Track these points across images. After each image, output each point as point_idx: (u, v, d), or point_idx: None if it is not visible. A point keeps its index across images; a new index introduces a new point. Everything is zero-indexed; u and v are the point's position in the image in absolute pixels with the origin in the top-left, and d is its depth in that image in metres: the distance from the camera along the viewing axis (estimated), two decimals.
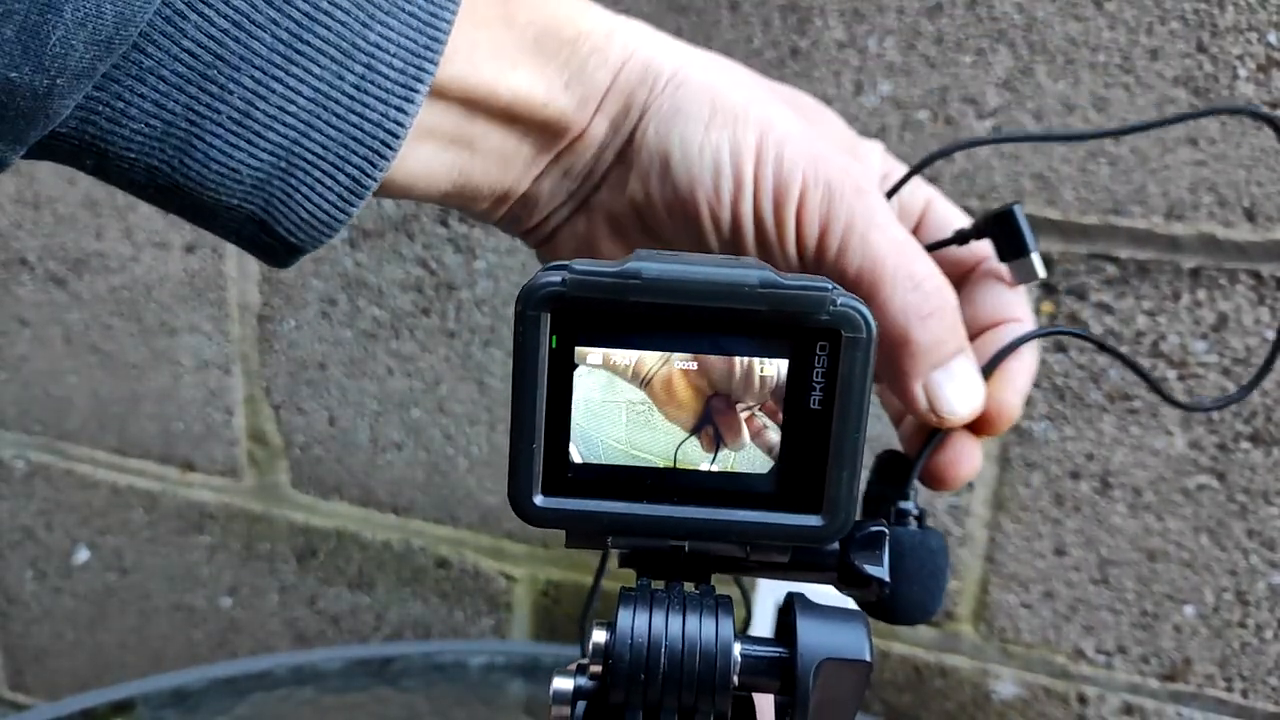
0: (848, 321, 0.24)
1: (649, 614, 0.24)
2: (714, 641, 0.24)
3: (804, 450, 0.25)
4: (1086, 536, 0.67)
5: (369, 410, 0.83)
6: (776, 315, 0.24)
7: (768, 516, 0.26)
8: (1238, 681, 0.67)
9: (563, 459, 0.26)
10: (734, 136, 0.33)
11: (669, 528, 0.26)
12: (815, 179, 0.33)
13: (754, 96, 0.34)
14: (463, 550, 0.84)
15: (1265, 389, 0.62)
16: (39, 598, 1.01)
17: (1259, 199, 0.60)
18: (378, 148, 0.29)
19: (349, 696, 0.73)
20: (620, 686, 0.24)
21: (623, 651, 0.24)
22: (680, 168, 0.33)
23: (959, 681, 0.73)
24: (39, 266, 0.91)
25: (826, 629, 0.24)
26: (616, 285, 0.24)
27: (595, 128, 0.34)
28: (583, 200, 0.36)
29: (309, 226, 0.30)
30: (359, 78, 0.28)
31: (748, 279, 0.24)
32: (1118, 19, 0.60)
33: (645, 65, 0.33)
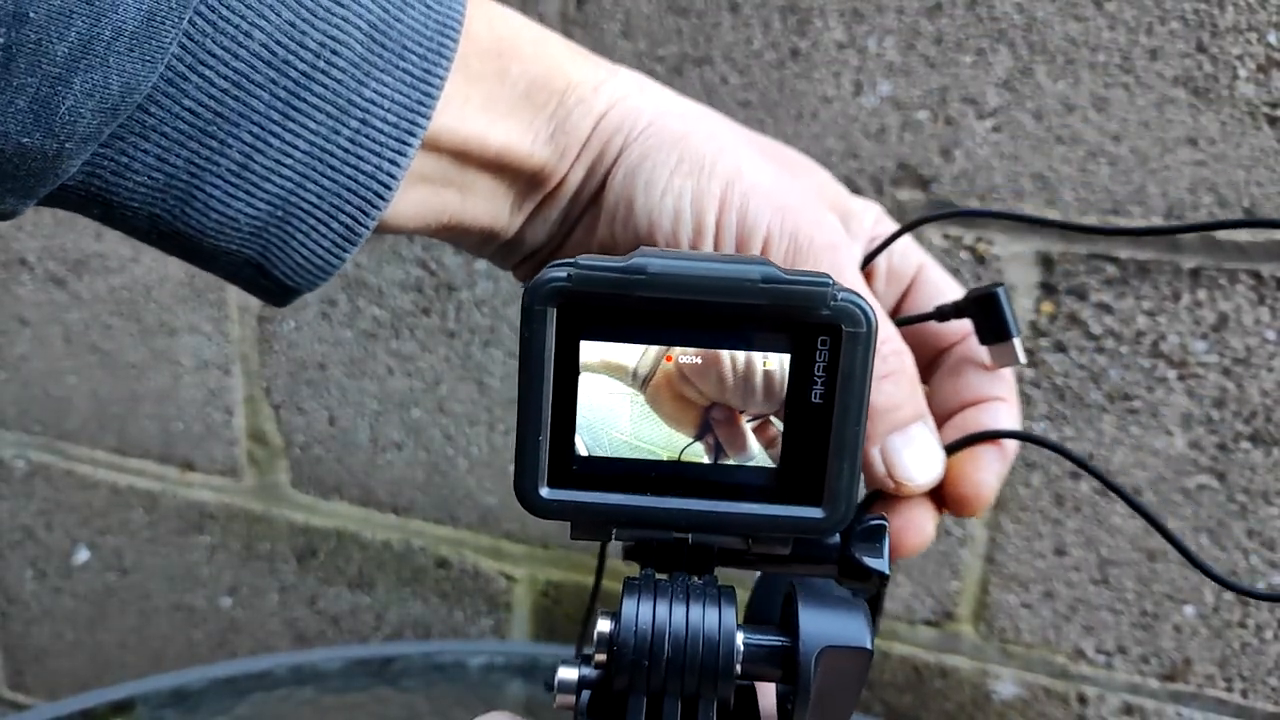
0: (848, 316, 0.25)
1: (653, 603, 0.25)
2: (717, 629, 0.24)
3: (805, 444, 0.26)
4: (1086, 536, 0.67)
5: (369, 410, 0.83)
6: (778, 310, 0.25)
7: (769, 509, 0.26)
8: (1238, 681, 0.67)
9: (568, 452, 0.26)
10: (698, 185, 0.33)
11: (672, 520, 0.26)
12: (781, 231, 0.33)
13: (726, 146, 0.34)
14: (462, 550, 0.84)
15: (1266, 389, 0.62)
16: (39, 597, 1.01)
17: (1259, 199, 0.60)
18: (370, 198, 0.30)
19: (349, 696, 0.73)
20: (624, 673, 0.24)
21: (627, 639, 0.24)
22: (641, 212, 0.33)
23: (959, 682, 0.73)
24: (39, 267, 0.91)
25: (827, 617, 0.24)
26: (621, 280, 0.25)
27: (573, 175, 0.34)
28: (560, 242, 0.37)
29: (305, 271, 0.31)
30: (354, 132, 0.29)
31: (749, 274, 0.24)
32: (1118, 19, 0.60)
33: (624, 115, 0.34)
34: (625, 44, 0.69)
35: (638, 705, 0.24)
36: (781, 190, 0.33)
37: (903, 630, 0.73)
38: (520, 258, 0.38)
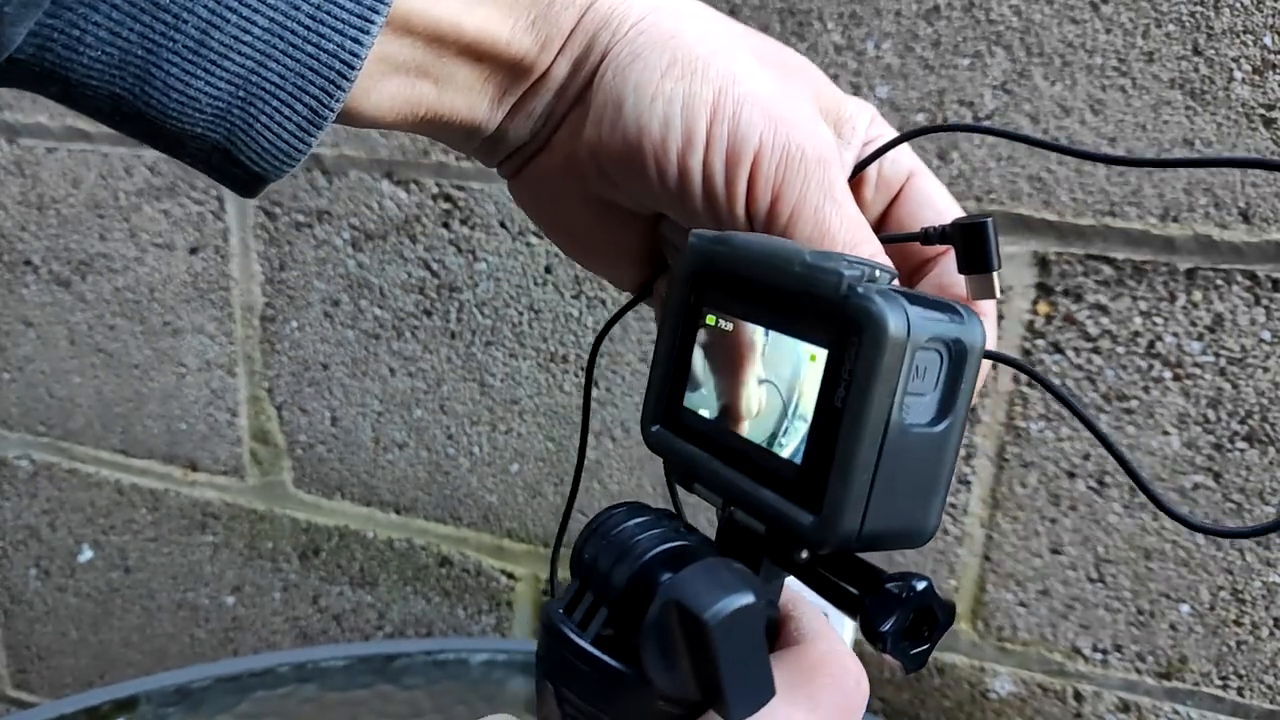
0: (867, 316, 0.22)
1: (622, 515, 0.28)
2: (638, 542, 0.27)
3: (823, 446, 0.24)
4: (1083, 535, 0.68)
5: (371, 410, 0.84)
6: (820, 300, 0.24)
7: (781, 503, 0.25)
8: (1233, 679, 0.67)
9: (678, 401, 0.29)
10: (689, 89, 0.32)
11: (724, 488, 0.27)
12: (774, 143, 0.32)
13: (721, 48, 0.33)
14: (464, 549, 0.85)
15: (1261, 389, 0.62)
16: (43, 596, 1.02)
17: (1254, 200, 0.60)
18: (334, 78, 0.30)
19: (352, 694, 0.74)
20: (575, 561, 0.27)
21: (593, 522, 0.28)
22: (630, 115, 0.32)
23: (956, 679, 0.73)
24: (44, 268, 0.91)
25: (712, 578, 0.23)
26: (710, 253, 0.28)
27: (557, 69, 0.34)
28: (545, 141, 0.36)
29: (271, 156, 0.31)
30: (314, 8, 0.29)
31: (793, 255, 0.25)
32: (1114, 22, 0.60)
33: (612, 8, 0.33)
34: None
35: (575, 580, 0.28)
36: (776, 99, 0.33)
37: None
38: (504, 155, 0.37)
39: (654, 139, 0.32)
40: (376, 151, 0.78)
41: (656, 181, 0.33)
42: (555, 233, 0.39)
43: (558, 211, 0.38)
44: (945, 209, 0.37)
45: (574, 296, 0.75)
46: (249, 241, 0.84)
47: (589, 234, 0.38)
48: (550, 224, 0.39)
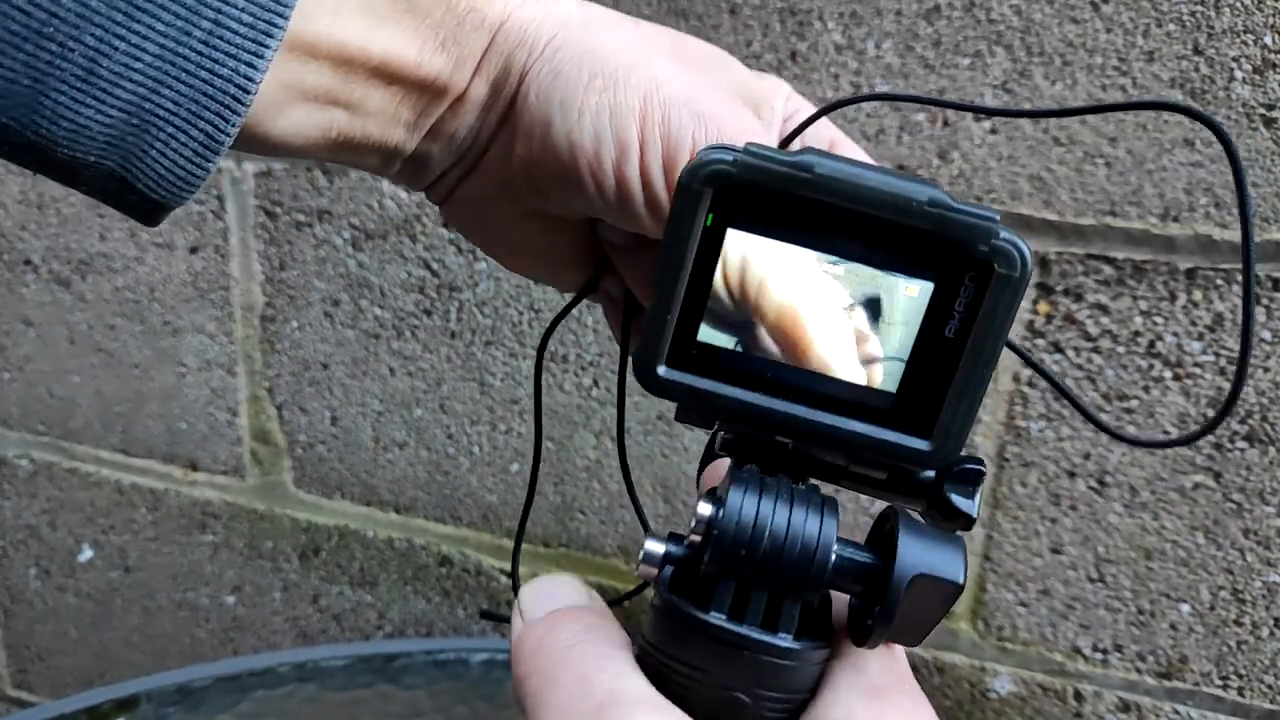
0: (1005, 258, 0.24)
1: (758, 497, 0.25)
2: (816, 537, 0.24)
3: (929, 375, 0.26)
4: (1083, 535, 0.68)
5: (371, 410, 0.84)
6: (935, 237, 0.24)
7: (879, 432, 0.26)
8: (1234, 679, 0.67)
9: (690, 335, 0.26)
10: (614, 100, 0.32)
11: (781, 424, 0.26)
12: (706, 140, 0.33)
13: (638, 55, 0.33)
14: (464, 548, 0.85)
15: (1261, 389, 0.62)
16: (43, 596, 1.02)
17: (1255, 200, 0.60)
18: (229, 103, 0.29)
19: (352, 693, 0.74)
20: (720, 558, 0.24)
21: (728, 525, 0.24)
22: (560, 133, 0.33)
23: (956, 678, 0.73)
24: (44, 267, 0.91)
25: (926, 546, 0.24)
26: (786, 176, 0.24)
27: (475, 90, 0.34)
28: (473, 163, 0.36)
29: (168, 183, 0.30)
30: (207, 34, 0.29)
31: (918, 194, 0.24)
32: (1115, 21, 0.60)
33: (523, 26, 0.33)
34: None
35: (725, 590, 0.25)
36: (699, 96, 0.33)
37: None
38: (431, 179, 0.37)
39: (587, 154, 0.33)
40: None
41: (595, 193, 0.33)
42: (494, 248, 0.39)
43: (495, 228, 0.38)
44: None
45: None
46: (249, 241, 0.84)
47: (528, 245, 0.38)
48: (488, 241, 0.39)
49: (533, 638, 0.27)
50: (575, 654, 0.26)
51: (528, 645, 0.27)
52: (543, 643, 0.27)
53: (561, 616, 0.28)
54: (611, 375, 0.76)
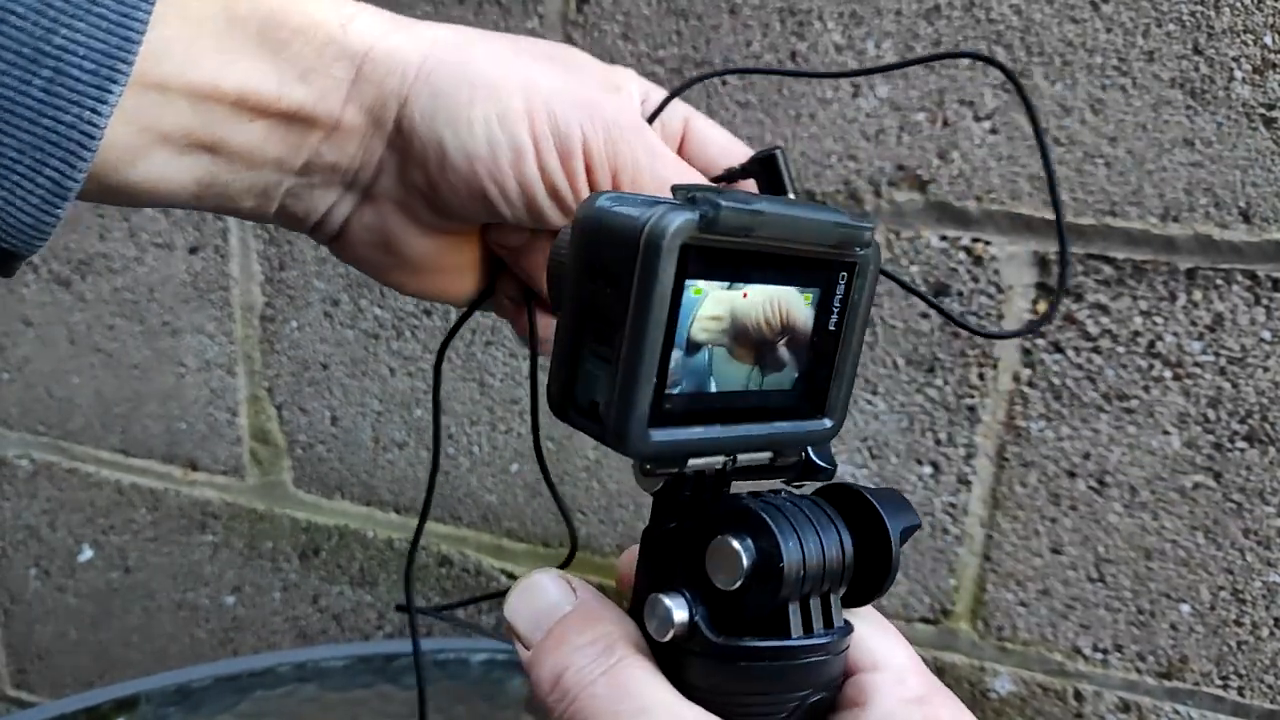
0: (876, 250, 0.29)
1: (795, 530, 0.27)
2: (846, 546, 0.28)
3: (819, 364, 0.29)
4: (1083, 535, 0.68)
5: (371, 410, 0.84)
6: (829, 251, 0.28)
7: (800, 425, 0.29)
8: (1234, 679, 0.67)
9: (663, 392, 0.26)
10: (499, 108, 0.34)
11: (736, 445, 0.29)
12: (593, 127, 0.34)
13: (510, 62, 0.35)
14: (464, 548, 0.85)
15: (1261, 389, 0.62)
16: (43, 596, 1.02)
17: (1255, 200, 0.60)
18: (74, 149, 0.29)
19: (351, 694, 0.74)
20: (788, 587, 0.27)
21: (793, 560, 0.27)
22: (455, 150, 0.34)
23: (956, 678, 0.73)
24: (43, 267, 0.91)
25: (894, 506, 0.29)
26: (742, 225, 0.25)
27: (349, 119, 0.34)
28: (364, 192, 0.36)
29: (17, 232, 0.30)
30: (47, 81, 0.28)
31: (829, 220, 0.27)
32: (1115, 21, 0.60)
33: (390, 54, 0.34)
34: (625, 45, 0.70)
35: (795, 612, 0.27)
36: (575, 88, 0.35)
37: (900, 627, 0.74)
38: (317, 216, 0.37)
39: (486, 163, 0.34)
40: None
41: (500, 198, 0.35)
42: (393, 274, 0.39)
43: (394, 254, 0.38)
44: (728, 144, 0.40)
45: None
46: (248, 241, 0.84)
47: (428, 264, 0.39)
48: (387, 267, 0.39)
49: (549, 674, 0.28)
50: (602, 692, 0.27)
51: (545, 683, 0.28)
52: (563, 682, 0.27)
53: (564, 636, 0.28)
54: None
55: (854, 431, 0.71)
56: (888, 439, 0.70)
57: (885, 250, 0.68)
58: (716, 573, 0.27)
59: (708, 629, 0.27)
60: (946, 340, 0.68)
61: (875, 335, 0.69)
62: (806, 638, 0.27)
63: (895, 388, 0.69)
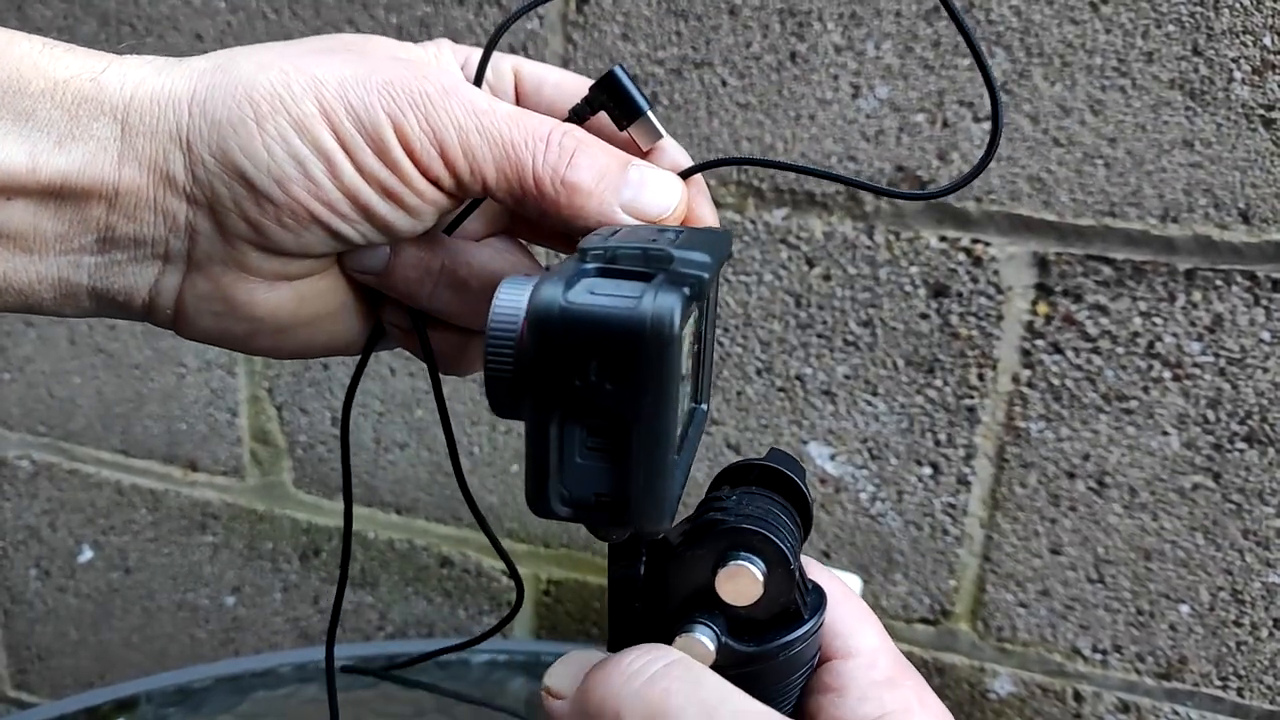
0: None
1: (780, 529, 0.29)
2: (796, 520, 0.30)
3: (699, 364, 0.31)
4: (1083, 536, 0.68)
5: (372, 410, 0.84)
6: None
7: (696, 418, 0.32)
8: (1233, 680, 0.67)
9: None
10: (290, 117, 0.30)
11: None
12: (398, 107, 0.31)
13: (289, 66, 0.31)
14: (465, 549, 0.85)
15: (1260, 389, 0.63)
16: (43, 597, 1.02)
17: (1254, 201, 0.60)
18: None
19: (352, 694, 0.74)
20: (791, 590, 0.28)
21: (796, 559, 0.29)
22: (263, 180, 0.30)
23: (956, 679, 0.73)
24: None
25: (793, 463, 0.31)
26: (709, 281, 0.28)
27: (128, 182, 0.31)
28: (186, 260, 0.33)
29: None
30: None
31: (724, 237, 0.31)
32: (1114, 22, 0.60)
33: (155, 97, 0.31)
34: (625, 46, 0.70)
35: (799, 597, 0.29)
36: (364, 71, 0.31)
37: (900, 628, 0.74)
38: (141, 297, 0.33)
39: (300, 184, 0.30)
40: None
41: (334, 218, 0.31)
42: (258, 341, 0.35)
43: (247, 318, 0.34)
44: (561, 80, 0.37)
45: None
46: None
47: (290, 319, 0.35)
48: (245, 336, 0.35)
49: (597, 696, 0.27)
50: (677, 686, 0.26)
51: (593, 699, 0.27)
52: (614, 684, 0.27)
53: (608, 664, 0.27)
54: None
55: (854, 433, 0.71)
56: (888, 440, 0.71)
57: (884, 251, 0.68)
58: (735, 595, 0.28)
59: (736, 643, 0.28)
60: (946, 341, 0.68)
61: (875, 336, 0.69)
62: (813, 617, 0.29)
63: (895, 389, 0.69)
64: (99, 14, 0.81)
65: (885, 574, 0.73)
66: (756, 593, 0.28)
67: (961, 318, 0.67)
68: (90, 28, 0.82)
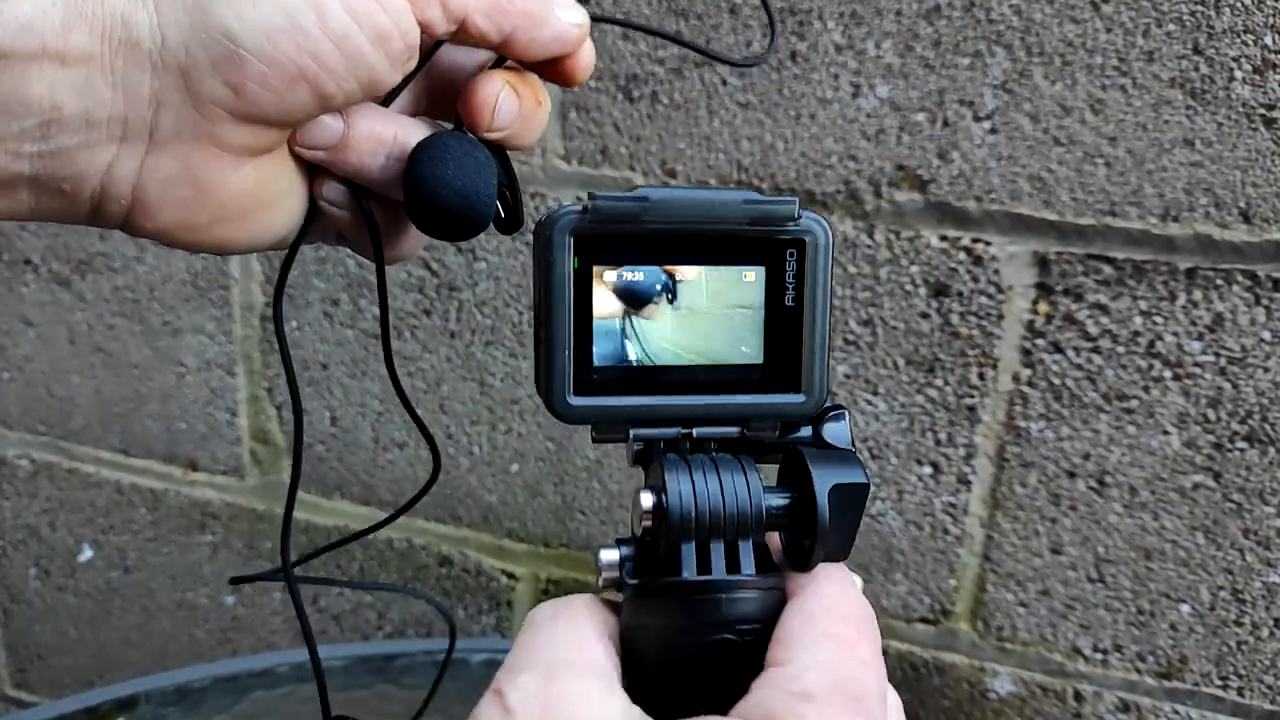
0: (810, 233, 0.30)
1: (689, 470, 0.29)
2: (747, 486, 0.29)
3: (784, 341, 0.31)
4: (1083, 535, 0.68)
5: (371, 410, 0.84)
6: (756, 229, 0.30)
7: (761, 399, 0.31)
8: (1234, 679, 0.67)
9: (587, 363, 0.30)
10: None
11: (680, 415, 0.31)
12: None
13: None
14: (464, 549, 0.85)
15: (1261, 389, 0.62)
16: (43, 596, 1.02)
17: (1255, 200, 0.60)
18: None
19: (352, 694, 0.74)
20: (674, 530, 0.28)
21: (675, 499, 0.29)
22: (248, 35, 0.29)
23: (956, 679, 0.73)
24: (43, 267, 0.91)
25: (831, 466, 0.30)
26: (629, 211, 0.29)
27: (77, 46, 0.28)
28: (149, 139, 0.30)
29: None
30: None
31: (734, 199, 0.30)
32: (1115, 21, 0.60)
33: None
34: (625, 45, 0.70)
35: (688, 553, 0.29)
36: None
37: (900, 628, 0.74)
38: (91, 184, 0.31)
39: (289, 34, 0.29)
40: None
41: (322, 73, 0.30)
42: (217, 229, 0.33)
43: (210, 203, 0.32)
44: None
45: None
46: None
47: (251, 201, 0.33)
48: (206, 225, 0.33)
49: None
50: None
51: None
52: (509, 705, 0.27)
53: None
54: None
55: (854, 432, 0.71)
56: (888, 439, 0.70)
57: (885, 250, 0.68)
58: (634, 520, 0.29)
59: (627, 574, 0.29)
60: (947, 340, 0.68)
61: (875, 336, 0.69)
62: (699, 576, 0.29)
63: (895, 388, 0.69)
64: None
65: (885, 573, 0.73)
66: (640, 519, 0.29)
67: (962, 317, 0.67)
68: None
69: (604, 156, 0.72)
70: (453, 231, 0.34)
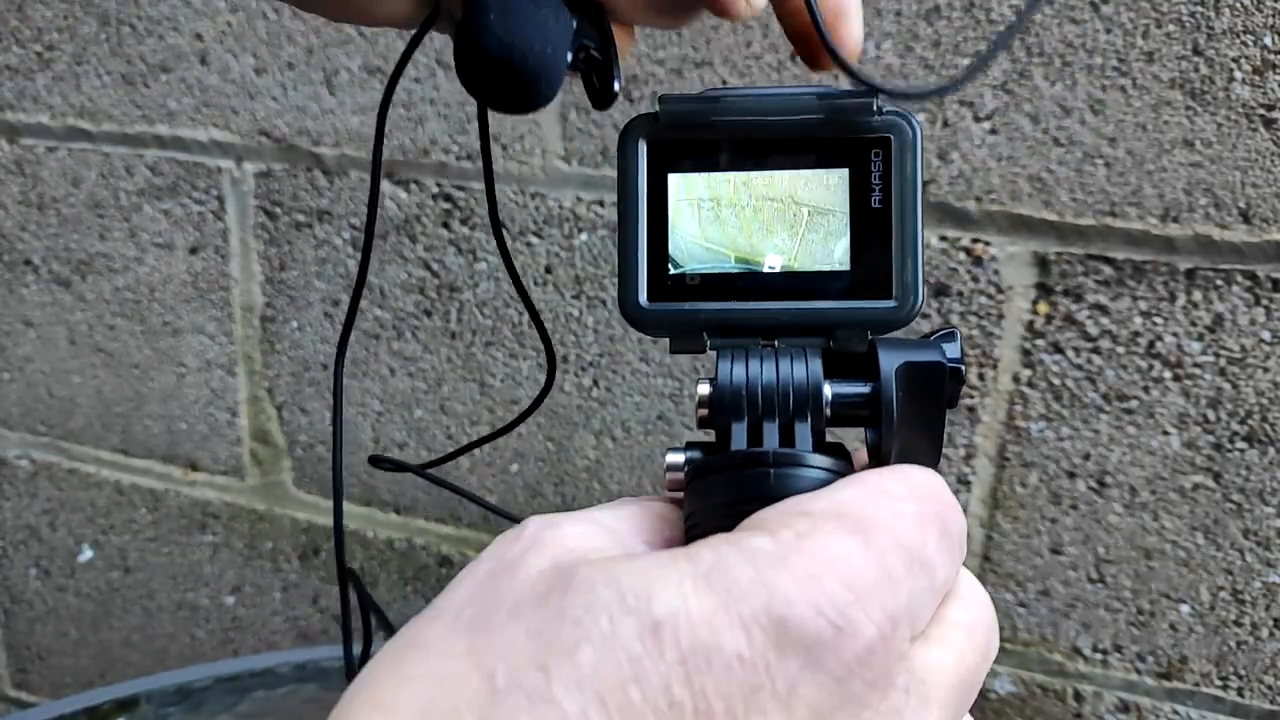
0: (894, 127, 0.29)
1: (745, 356, 0.28)
2: (805, 366, 0.28)
3: (872, 245, 0.29)
4: (1083, 535, 0.68)
5: (371, 410, 0.84)
6: (834, 127, 0.29)
7: (848, 304, 0.29)
8: (1234, 680, 0.67)
9: (663, 269, 0.30)
10: None
11: (760, 321, 0.29)
12: None
13: None
14: (465, 549, 0.85)
15: (1261, 389, 0.62)
16: (43, 596, 1.02)
17: (1255, 200, 0.60)
18: None
19: None
20: (725, 409, 0.27)
21: (725, 381, 0.27)
22: None
23: None
24: (43, 268, 0.91)
25: (902, 348, 0.28)
26: (698, 110, 0.29)
27: None
28: None
29: None
30: None
31: (807, 94, 0.29)
32: (1115, 22, 0.60)
33: None
34: None
35: (739, 429, 0.27)
36: None
37: None
38: None
39: None
40: None
41: None
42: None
43: None
44: None
45: (574, 296, 0.75)
46: (249, 241, 0.84)
47: None
48: None
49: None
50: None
51: None
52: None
53: None
54: (612, 374, 0.76)
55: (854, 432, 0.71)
56: None
57: None
58: (696, 417, 0.28)
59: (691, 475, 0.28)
60: None
61: None
62: (747, 450, 0.27)
63: None
64: (99, 14, 0.81)
65: None
66: (699, 405, 0.28)
67: (962, 317, 0.67)
68: (90, 28, 0.82)
69: (604, 157, 0.72)
70: (501, 96, 0.30)
